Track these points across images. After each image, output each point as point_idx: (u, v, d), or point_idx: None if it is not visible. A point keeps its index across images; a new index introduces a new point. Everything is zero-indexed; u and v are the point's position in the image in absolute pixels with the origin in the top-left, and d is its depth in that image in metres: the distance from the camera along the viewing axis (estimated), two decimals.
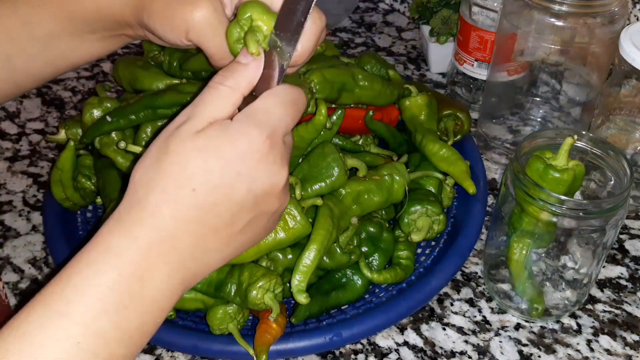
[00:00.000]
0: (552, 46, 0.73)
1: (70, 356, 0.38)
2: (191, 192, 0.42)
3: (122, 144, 0.58)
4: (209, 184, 0.42)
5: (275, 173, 0.45)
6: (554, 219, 0.56)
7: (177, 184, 0.42)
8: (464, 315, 0.64)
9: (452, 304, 0.65)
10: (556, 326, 0.63)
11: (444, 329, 0.63)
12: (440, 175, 0.68)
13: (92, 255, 0.41)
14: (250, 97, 0.46)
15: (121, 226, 0.42)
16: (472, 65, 0.88)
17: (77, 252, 0.42)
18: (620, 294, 0.67)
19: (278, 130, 0.45)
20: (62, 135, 0.69)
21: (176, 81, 0.69)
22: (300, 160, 0.63)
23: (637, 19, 0.85)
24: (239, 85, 0.46)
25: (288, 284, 0.56)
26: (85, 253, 0.41)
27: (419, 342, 0.62)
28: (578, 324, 0.64)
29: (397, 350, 0.61)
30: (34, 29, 0.55)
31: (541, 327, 0.63)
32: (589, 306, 0.65)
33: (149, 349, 0.61)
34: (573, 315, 0.64)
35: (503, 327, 0.63)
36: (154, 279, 0.42)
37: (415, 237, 0.63)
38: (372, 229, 0.63)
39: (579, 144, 0.60)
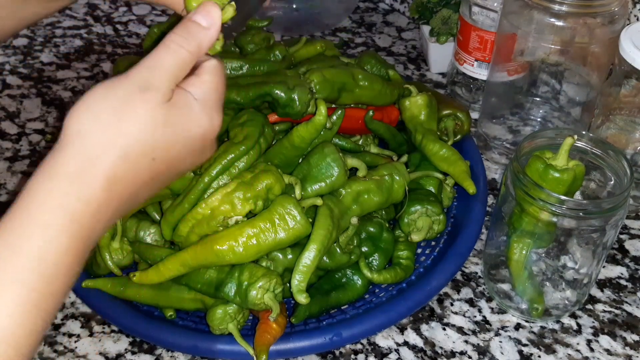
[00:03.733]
0: (552, 46, 0.73)
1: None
2: (151, 161, 0.43)
3: None
4: (167, 156, 0.44)
5: (212, 151, 0.49)
6: (554, 219, 0.56)
7: (142, 151, 0.42)
8: (464, 315, 0.64)
9: (452, 304, 0.65)
10: (556, 326, 0.63)
11: (444, 329, 0.63)
12: (440, 175, 0.68)
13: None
14: None
15: (67, 182, 0.40)
16: (472, 65, 0.88)
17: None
18: (620, 294, 0.67)
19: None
20: None
21: None
22: (300, 160, 0.63)
23: (637, 19, 0.85)
24: (200, 50, 0.45)
25: (288, 284, 0.56)
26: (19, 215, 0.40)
27: (419, 342, 0.62)
28: (578, 324, 0.64)
29: (397, 350, 0.61)
30: None
31: (541, 327, 0.63)
32: (589, 306, 0.65)
33: (149, 349, 0.61)
34: (573, 315, 0.64)
35: (503, 327, 0.63)
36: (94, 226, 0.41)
37: (415, 237, 0.63)
38: (372, 229, 0.63)
39: (579, 144, 0.60)
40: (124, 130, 0.42)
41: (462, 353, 0.61)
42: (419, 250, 0.67)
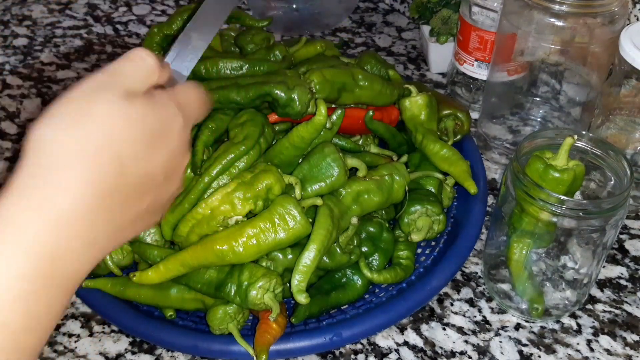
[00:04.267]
0: (552, 46, 0.73)
1: None
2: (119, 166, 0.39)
3: None
4: (135, 157, 0.40)
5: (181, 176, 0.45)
6: (554, 219, 0.56)
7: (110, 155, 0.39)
8: (464, 315, 0.64)
9: (452, 304, 0.65)
10: (556, 326, 0.63)
11: (444, 329, 0.63)
12: (440, 175, 0.68)
13: None
14: None
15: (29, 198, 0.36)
16: (472, 65, 0.88)
17: None
18: (620, 294, 0.67)
19: None
20: None
21: None
22: (300, 160, 0.63)
23: (637, 19, 0.85)
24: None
25: (288, 284, 0.56)
26: None
27: (419, 342, 0.62)
28: (578, 324, 0.64)
29: (397, 350, 0.61)
30: None
31: (541, 327, 0.63)
32: (589, 306, 0.65)
33: (149, 349, 0.61)
34: (573, 315, 0.64)
35: (503, 327, 0.63)
36: (66, 257, 0.37)
37: (415, 237, 0.63)
38: (372, 229, 0.63)
39: (579, 144, 0.60)
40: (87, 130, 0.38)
41: (462, 353, 0.61)
42: (419, 250, 0.67)
